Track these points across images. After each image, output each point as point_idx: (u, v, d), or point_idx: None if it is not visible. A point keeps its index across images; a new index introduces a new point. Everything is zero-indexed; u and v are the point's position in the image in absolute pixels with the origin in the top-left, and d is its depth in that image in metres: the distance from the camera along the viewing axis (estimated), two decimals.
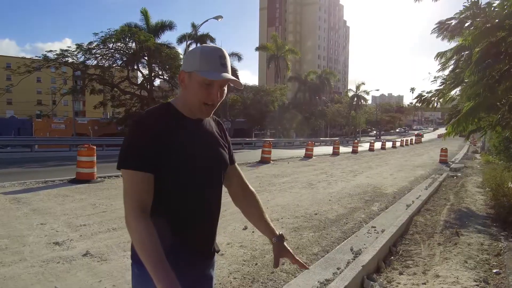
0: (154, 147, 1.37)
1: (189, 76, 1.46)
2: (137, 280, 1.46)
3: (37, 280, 3.61)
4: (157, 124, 1.41)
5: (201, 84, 1.43)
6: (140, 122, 1.42)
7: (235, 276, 3.84)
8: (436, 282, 3.84)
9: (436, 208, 7.64)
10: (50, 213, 5.95)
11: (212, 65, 1.43)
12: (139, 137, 1.38)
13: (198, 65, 1.43)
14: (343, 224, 5.98)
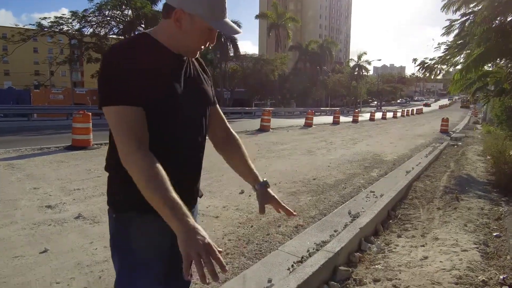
0: (139, 80, 1.21)
1: (190, 19, 1.27)
2: (114, 225, 1.34)
3: (27, 242, 3.54)
4: (140, 56, 1.25)
5: (204, 30, 1.30)
6: (120, 53, 1.24)
7: (230, 238, 3.76)
8: (435, 245, 3.76)
9: (436, 174, 7.54)
10: (44, 178, 5.85)
11: (218, 11, 1.28)
12: (122, 69, 1.21)
13: (203, 9, 1.25)
14: (342, 189, 5.89)
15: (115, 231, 1.34)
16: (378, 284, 2.96)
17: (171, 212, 1.09)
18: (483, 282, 2.97)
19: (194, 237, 1.06)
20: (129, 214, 1.28)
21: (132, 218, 1.27)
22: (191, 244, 1.04)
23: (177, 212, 1.09)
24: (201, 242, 1.05)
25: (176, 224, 1.08)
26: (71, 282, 2.86)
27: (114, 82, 1.20)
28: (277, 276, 2.91)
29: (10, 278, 2.87)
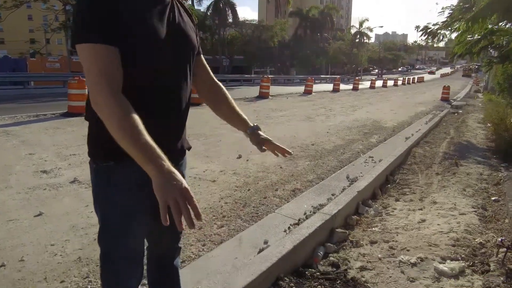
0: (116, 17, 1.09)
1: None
2: (95, 176, 1.28)
3: (22, 206, 3.50)
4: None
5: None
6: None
7: (226, 201, 3.72)
8: (433, 208, 3.74)
9: (435, 141, 7.48)
10: (40, 145, 5.77)
11: None
12: (98, 5, 1.08)
13: None
14: (340, 154, 5.83)
15: (95, 182, 1.27)
16: (375, 246, 2.95)
17: (145, 156, 1.00)
18: (480, 245, 2.96)
19: (170, 181, 0.98)
20: (108, 164, 1.20)
21: (111, 168, 1.20)
22: (167, 189, 0.97)
23: (152, 156, 1.01)
24: (178, 187, 0.98)
25: (151, 168, 1.00)
26: (65, 244, 2.84)
27: (88, 19, 1.08)
28: (273, 238, 2.89)
29: (4, 241, 2.85)
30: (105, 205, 1.27)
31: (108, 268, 1.34)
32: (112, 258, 1.31)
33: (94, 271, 2.46)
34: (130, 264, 1.32)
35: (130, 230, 1.25)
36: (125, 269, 1.32)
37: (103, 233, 1.29)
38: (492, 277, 2.48)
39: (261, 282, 2.27)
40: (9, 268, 2.48)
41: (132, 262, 1.33)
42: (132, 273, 1.33)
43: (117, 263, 1.31)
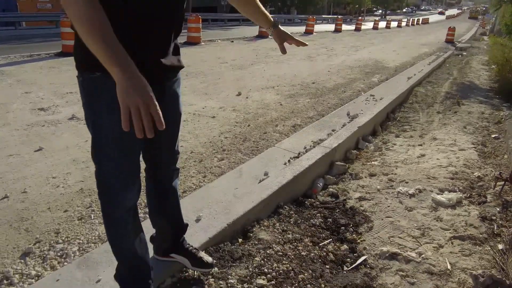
0: None
1: None
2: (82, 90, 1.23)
3: (21, 142, 3.48)
4: None
5: None
6: None
7: (226, 136, 3.70)
8: (432, 144, 3.74)
9: (438, 81, 7.35)
10: (36, 83, 5.64)
11: None
12: None
13: None
14: (341, 92, 5.74)
15: (83, 95, 1.22)
16: (374, 178, 2.97)
17: (110, 57, 0.94)
18: (478, 178, 2.98)
19: (134, 86, 0.93)
20: (94, 75, 1.14)
21: (97, 79, 1.13)
22: (129, 93, 0.92)
23: (118, 57, 0.94)
24: (141, 92, 0.93)
25: (116, 70, 0.93)
26: (67, 176, 2.85)
27: None
28: (273, 170, 2.89)
29: (6, 174, 2.85)
30: (95, 118, 1.22)
31: (103, 184, 1.32)
32: (105, 172, 1.28)
33: (96, 201, 2.49)
34: (123, 179, 1.29)
35: (121, 144, 1.21)
36: (118, 184, 1.29)
37: (95, 148, 1.25)
38: (488, 207, 2.52)
39: (262, 209, 2.31)
40: (12, 199, 2.50)
41: (126, 177, 1.29)
42: (126, 189, 1.31)
43: (109, 178, 1.28)
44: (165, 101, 1.30)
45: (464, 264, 1.93)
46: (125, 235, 1.37)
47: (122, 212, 1.33)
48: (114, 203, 1.33)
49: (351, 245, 2.12)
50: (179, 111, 1.44)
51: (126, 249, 1.39)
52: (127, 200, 1.32)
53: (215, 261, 1.80)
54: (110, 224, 1.38)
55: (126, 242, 1.38)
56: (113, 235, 1.39)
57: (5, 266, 1.90)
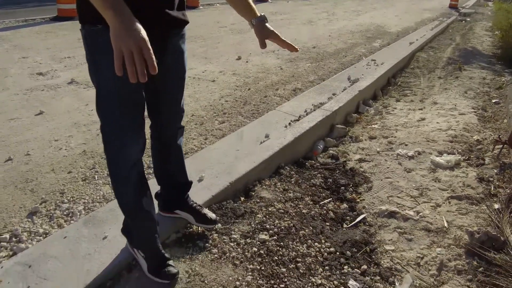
0: None
1: None
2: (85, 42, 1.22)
3: (22, 106, 3.46)
4: None
5: None
6: None
7: (226, 99, 3.69)
8: (433, 108, 3.74)
9: (440, 46, 7.24)
10: (32, 48, 5.54)
11: None
12: None
13: None
14: (342, 57, 5.67)
15: (87, 48, 1.21)
16: (374, 141, 3.00)
17: (105, 1, 0.94)
18: (477, 141, 3.01)
19: (127, 29, 0.92)
20: (96, 28, 1.12)
21: (98, 31, 1.12)
22: (122, 37, 0.92)
23: (112, 1, 0.94)
24: (134, 36, 0.92)
25: (110, 14, 0.93)
26: (69, 139, 2.86)
27: None
28: (274, 132, 2.90)
29: (8, 137, 2.86)
30: (96, 70, 1.22)
31: (106, 139, 1.33)
32: (107, 127, 1.29)
33: (100, 163, 2.51)
34: (125, 135, 1.29)
35: (121, 97, 1.21)
36: (120, 140, 1.30)
37: (98, 101, 1.26)
38: (486, 169, 2.56)
39: (263, 169, 2.34)
40: (16, 161, 2.52)
41: (127, 132, 1.30)
42: (128, 145, 1.32)
43: (112, 133, 1.29)
44: (170, 56, 1.29)
45: (461, 222, 1.99)
46: (130, 191, 1.39)
47: (126, 168, 1.34)
48: (118, 159, 1.34)
49: (351, 204, 2.17)
50: (184, 67, 1.43)
51: (133, 204, 1.42)
52: (130, 156, 1.33)
53: (218, 218, 1.85)
54: (115, 179, 1.40)
55: (132, 198, 1.41)
56: (119, 191, 1.42)
57: (13, 224, 1.94)
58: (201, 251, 1.67)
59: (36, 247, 1.74)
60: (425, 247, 1.81)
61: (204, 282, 1.49)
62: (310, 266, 1.64)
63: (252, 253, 1.66)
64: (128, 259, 1.57)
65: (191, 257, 1.63)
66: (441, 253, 1.76)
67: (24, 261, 1.65)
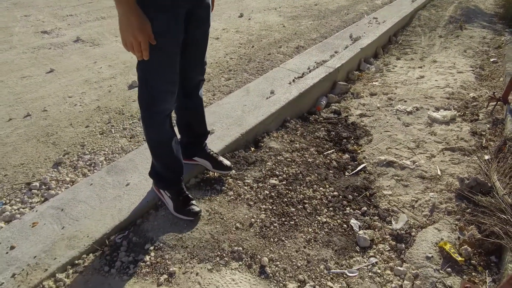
0: None
1: None
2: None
3: (31, 64, 3.53)
4: None
5: None
6: None
7: (231, 57, 3.77)
8: (432, 67, 3.84)
9: (443, 4, 7.19)
10: (32, 6, 5.49)
11: None
12: None
13: None
14: (344, 14, 5.67)
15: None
16: (375, 97, 3.13)
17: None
18: (473, 98, 3.14)
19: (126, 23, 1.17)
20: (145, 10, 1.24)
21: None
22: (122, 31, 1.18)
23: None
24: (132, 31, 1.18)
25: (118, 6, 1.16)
26: (82, 96, 2.97)
27: None
28: (279, 89, 3.02)
29: (23, 95, 2.96)
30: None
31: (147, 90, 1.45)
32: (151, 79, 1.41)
33: (114, 118, 2.64)
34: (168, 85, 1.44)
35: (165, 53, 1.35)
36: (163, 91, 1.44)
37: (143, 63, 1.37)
38: (479, 124, 2.71)
39: (271, 122, 2.48)
40: (35, 117, 2.65)
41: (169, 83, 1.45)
42: (170, 94, 1.47)
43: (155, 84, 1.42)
44: (201, 12, 1.41)
45: (453, 170, 2.16)
46: (164, 135, 1.55)
47: (163, 115, 1.49)
48: (158, 107, 1.48)
49: (352, 155, 2.33)
50: (209, 21, 1.55)
51: (164, 147, 1.58)
52: (169, 105, 1.49)
53: (232, 165, 2.01)
54: (150, 125, 1.54)
55: (164, 141, 1.56)
56: (153, 135, 1.57)
57: (41, 174, 2.11)
58: (218, 193, 1.85)
59: (65, 193, 1.91)
60: (420, 192, 2.00)
61: (223, 219, 1.68)
62: (316, 207, 1.83)
63: (264, 195, 1.84)
64: (155, 199, 1.75)
65: (210, 198, 1.81)
66: (433, 197, 1.95)
67: (56, 205, 1.82)
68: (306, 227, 1.70)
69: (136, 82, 3.12)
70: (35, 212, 1.78)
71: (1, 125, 2.55)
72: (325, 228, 1.71)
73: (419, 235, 1.71)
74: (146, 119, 1.52)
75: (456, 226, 1.75)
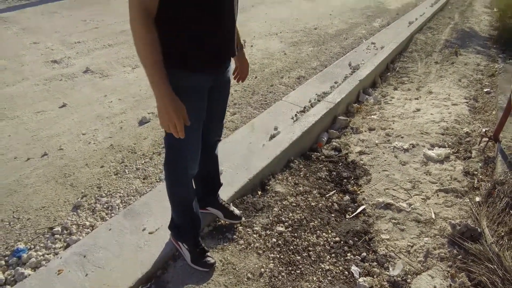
0: None
1: None
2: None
3: (44, 97, 3.67)
4: None
5: None
6: None
7: (236, 89, 3.93)
8: (428, 98, 4.01)
9: (439, 26, 7.39)
10: (41, 32, 5.65)
11: None
12: None
13: None
14: (343, 39, 5.86)
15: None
16: (373, 133, 3.29)
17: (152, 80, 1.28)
18: (466, 134, 3.31)
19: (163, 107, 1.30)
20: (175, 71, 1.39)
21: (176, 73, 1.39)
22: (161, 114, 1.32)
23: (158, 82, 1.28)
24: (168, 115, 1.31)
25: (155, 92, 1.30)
26: (95, 133, 3.11)
27: None
28: (282, 124, 3.18)
29: (39, 132, 3.11)
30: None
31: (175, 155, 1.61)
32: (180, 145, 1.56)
33: (127, 157, 2.80)
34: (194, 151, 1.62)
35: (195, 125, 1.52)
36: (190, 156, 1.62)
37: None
38: (472, 162, 2.87)
39: (276, 164, 2.64)
40: (51, 156, 2.80)
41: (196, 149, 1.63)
42: (195, 159, 1.64)
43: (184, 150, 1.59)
44: (222, 84, 1.61)
45: (446, 214, 2.32)
46: (187, 195, 1.73)
47: (188, 178, 1.67)
48: (184, 171, 1.65)
49: (352, 196, 2.49)
50: (229, 91, 1.73)
51: (186, 205, 1.75)
52: (193, 169, 1.66)
53: (241, 212, 2.17)
54: (176, 186, 1.71)
55: (187, 201, 1.74)
56: (177, 196, 1.74)
57: (62, 218, 2.25)
58: (230, 242, 2.00)
59: (87, 238, 2.06)
60: (415, 237, 2.16)
61: (236, 269, 1.83)
62: (319, 254, 1.98)
63: (272, 243, 1.99)
64: (172, 250, 1.90)
65: (222, 247, 1.96)
66: (428, 242, 2.10)
67: (79, 251, 1.97)
68: (311, 276, 1.85)
69: (145, 118, 3.28)
70: (59, 259, 1.92)
71: (21, 165, 2.70)
72: (328, 276, 1.86)
73: (414, 282, 1.87)
74: (170, 179, 1.68)
75: (448, 273, 1.91)
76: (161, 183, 2.50)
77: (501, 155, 2.82)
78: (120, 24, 6.11)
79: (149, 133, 3.11)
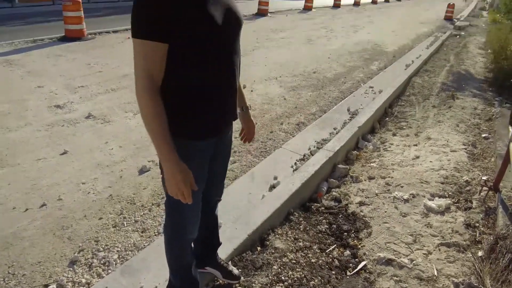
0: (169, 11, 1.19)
1: None
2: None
3: (46, 144, 3.70)
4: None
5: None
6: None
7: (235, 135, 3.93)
8: (427, 144, 4.04)
9: (435, 69, 7.57)
10: (46, 75, 5.77)
11: None
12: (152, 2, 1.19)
13: None
14: (341, 83, 5.98)
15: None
16: (373, 182, 3.29)
17: (160, 153, 1.29)
18: (466, 182, 3.31)
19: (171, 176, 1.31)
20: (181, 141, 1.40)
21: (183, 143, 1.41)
22: (170, 184, 1.32)
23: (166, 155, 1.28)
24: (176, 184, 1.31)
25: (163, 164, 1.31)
26: (95, 182, 3.11)
27: (140, 13, 1.20)
28: (282, 173, 3.19)
29: (39, 180, 3.10)
30: None
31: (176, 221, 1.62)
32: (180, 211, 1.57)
33: (126, 208, 2.78)
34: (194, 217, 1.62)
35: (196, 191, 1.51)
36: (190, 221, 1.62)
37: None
38: (473, 213, 2.86)
39: (275, 217, 2.63)
40: (50, 207, 2.78)
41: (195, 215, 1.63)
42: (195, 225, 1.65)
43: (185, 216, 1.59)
44: (223, 147, 1.64)
45: (448, 270, 2.28)
46: (185, 260, 1.72)
47: (188, 242, 1.67)
48: (184, 235, 1.64)
49: (353, 250, 2.45)
50: (230, 152, 1.77)
51: (185, 268, 1.73)
52: (193, 234, 1.66)
53: (240, 270, 2.13)
54: (175, 250, 1.71)
55: (185, 265, 1.73)
56: (175, 258, 1.73)
57: (57, 274, 2.21)
58: None
59: None
60: None
61: None
62: None
63: None
64: None
65: None
66: None
67: None
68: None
69: (145, 167, 3.29)
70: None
71: (18, 217, 2.68)
72: None
73: None
74: (170, 244, 1.68)
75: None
76: (160, 236, 2.47)
77: (502, 206, 2.80)
78: (122, 68, 6.25)
79: (148, 183, 3.11)
